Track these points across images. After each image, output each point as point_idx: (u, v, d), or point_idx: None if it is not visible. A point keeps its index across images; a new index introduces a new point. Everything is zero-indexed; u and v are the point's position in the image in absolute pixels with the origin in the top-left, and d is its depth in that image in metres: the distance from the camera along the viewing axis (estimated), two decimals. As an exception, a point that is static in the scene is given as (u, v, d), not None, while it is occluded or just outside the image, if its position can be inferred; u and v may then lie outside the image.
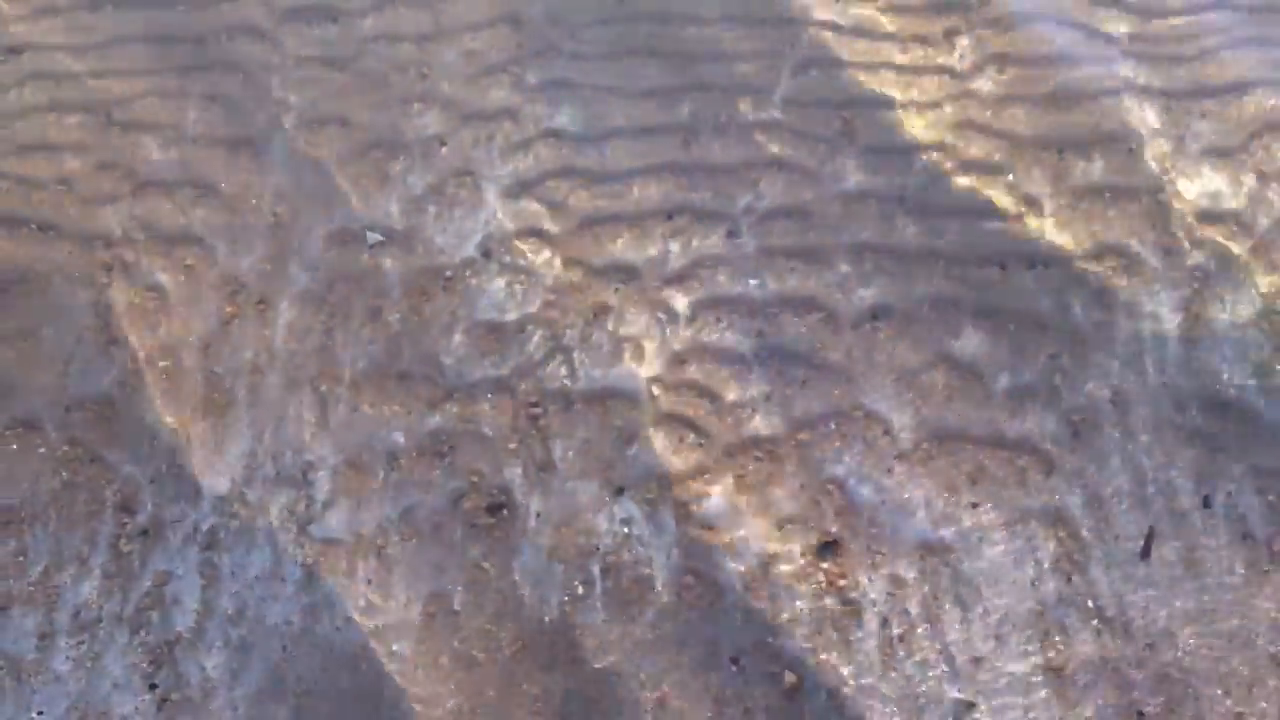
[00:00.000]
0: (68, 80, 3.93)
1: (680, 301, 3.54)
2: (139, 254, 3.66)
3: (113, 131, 3.85)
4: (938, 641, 3.03)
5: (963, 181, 3.71)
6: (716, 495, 3.25)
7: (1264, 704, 2.90)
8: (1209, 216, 3.61)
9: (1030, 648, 3.00)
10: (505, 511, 3.25)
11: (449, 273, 3.60)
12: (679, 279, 3.57)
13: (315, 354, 3.50)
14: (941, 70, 3.97)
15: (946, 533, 3.16)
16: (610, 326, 3.51)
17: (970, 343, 3.44)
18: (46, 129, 3.94)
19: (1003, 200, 3.68)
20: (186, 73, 3.91)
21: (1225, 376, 3.35)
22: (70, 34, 4.00)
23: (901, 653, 3.02)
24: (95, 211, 3.73)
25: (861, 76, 3.94)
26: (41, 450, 3.38)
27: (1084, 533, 3.14)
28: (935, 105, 3.88)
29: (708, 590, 3.12)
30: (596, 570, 3.17)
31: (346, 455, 3.35)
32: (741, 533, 3.19)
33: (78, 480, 3.34)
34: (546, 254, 3.64)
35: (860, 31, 4.03)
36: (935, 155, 3.76)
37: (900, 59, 3.98)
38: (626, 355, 3.46)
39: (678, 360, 3.45)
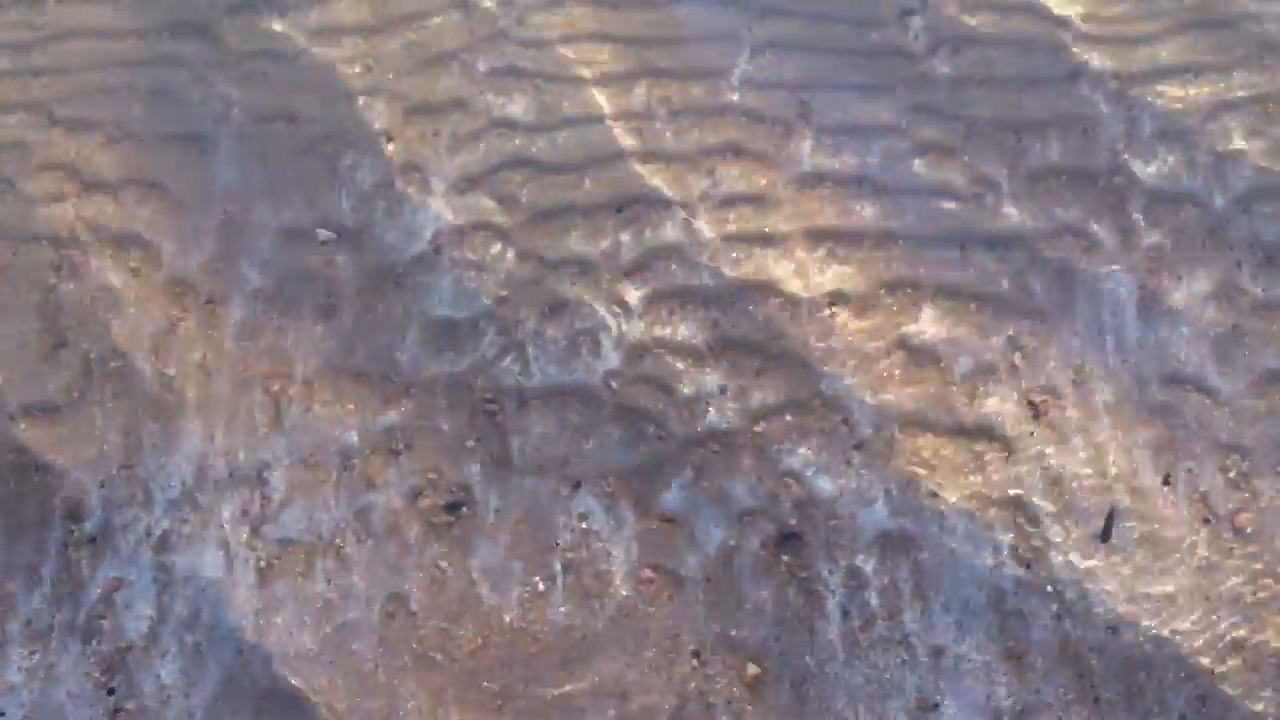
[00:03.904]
0: (8, 78, 3.84)
1: (635, 294, 3.49)
2: (86, 255, 3.59)
3: (56, 130, 3.77)
4: (899, 631, 3.01)
5: (920, 163, 3.67)
6: (675, 488, 3.22)
7: (1227, 687, 2.90)
8: (1165, 196, 3.59)
9: (991, 635, 2.99)
10: (464, 509, 3.21)
11: (400, 269, 3.55)
12: (633, 271, 3.52)
13: (267, 353, 3.44)
14: (897, 52, 3.93)
15: (906, 522, 3.14)
16: (565, 321, 3.46)
17: (929, 326, 3.41)
18: (-12, 128, 3.86)
19: (960, 181, 3.65)
20: (130, 69, 3.83)
21: (1184, 354, 3.34)
22: (10, 31, 3.91)
23: (863, 643, 3.00)
24: (41, 212, 3.66)
25: (819, 59, 3.90)
26: (-11, 458, 3.33)
27: (1044, 517, 3.13)
28: (890, 88, 3.84)
29: (668, 584, 3.10)
30: (557, 566, 3.14)
31: (300, 455, 3.30)
32: (701, 525, 3.16)
33: (25, 489, 3.28)
34: (498, 248, 3.58)
35: (818, 14, 3.99)
36: (893, 137, 3.72)
37: (856, 41, 3.94)
38: (583, 350, 3.42)
39: (634, 354, 3.41)
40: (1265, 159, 3.60)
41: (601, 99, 3.80)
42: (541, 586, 3.11)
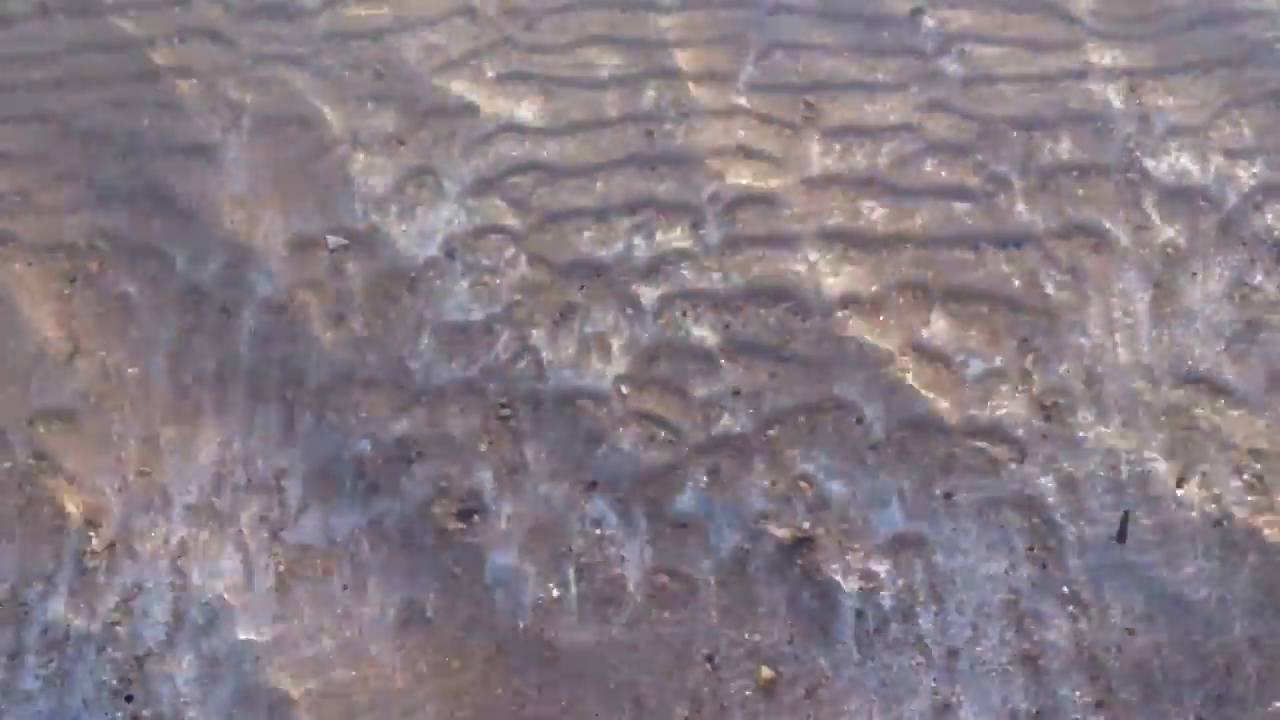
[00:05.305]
0: (22, 91, 3.86)
1: (647, 297, 3.49)
2: (102, 265, 3.60)
3: (71, 141, 3.78)
4: (913, 634, 3.01)
5: (931, 163, 3.66)
6: (688, 492, 3.22)
7: (1241, 687, 2.89)
8: (1178, 193, 3.56)
9: (1006, 637, 2.98)
10: (476, 516, 3.22)
11: (412, 274, 3.55)
12: (645, 274, 3.52)
13: (280, 361, 3.45)
14: (908, 51, 3.91)
15: (920, 524, 3.13)
16: (577, 325, 3.46)
17: (940, 328, 3.40)
18: (3, 140, 3.87)
19: (972, 181, 3.63)
20: (140, 79, 3.85)
21: (1198, 353, 3.32)
22: (22, 44, 3.93)
23: (878, 646, 3.00)
24: (57, 222, 3.68)
25: (827, 59, 3.88)
26: (6, 465, 3.35)
27: (1058, 518, 3.12)
28: (902, 86, 3.82)
29: (681, 588, 3.10)
30: (570, 572, 3.14)
31: (315, 463, 3.31)
32: (714, 530, 3.16)
33: (42, 494, 3.30)
34: (511, 252, 3.58)
35: (825, 13, 3.97)
36: (902, 137, 3.71)
37: (865, 40, 3.92)
38: (594, 354, 3.42)
39: (646, 357, 3.41)
40: (1278, 154, 3.58)
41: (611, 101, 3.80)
42: (556, 593, 3.12)
